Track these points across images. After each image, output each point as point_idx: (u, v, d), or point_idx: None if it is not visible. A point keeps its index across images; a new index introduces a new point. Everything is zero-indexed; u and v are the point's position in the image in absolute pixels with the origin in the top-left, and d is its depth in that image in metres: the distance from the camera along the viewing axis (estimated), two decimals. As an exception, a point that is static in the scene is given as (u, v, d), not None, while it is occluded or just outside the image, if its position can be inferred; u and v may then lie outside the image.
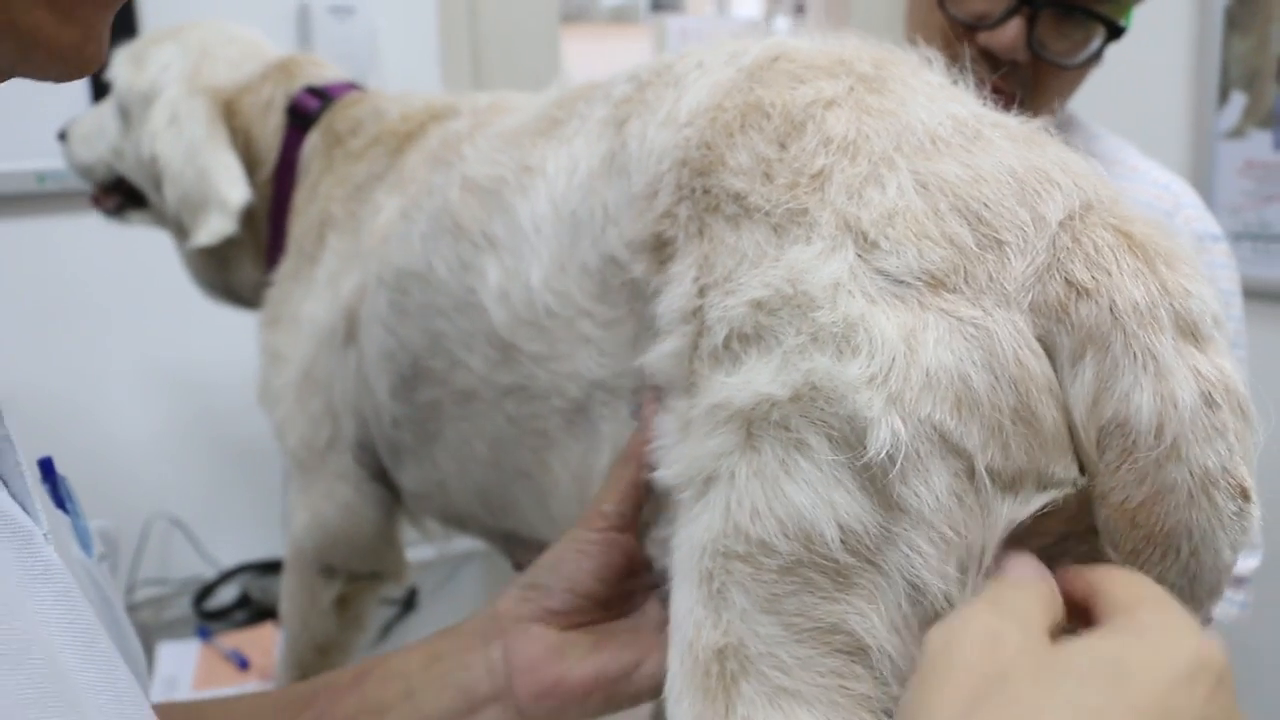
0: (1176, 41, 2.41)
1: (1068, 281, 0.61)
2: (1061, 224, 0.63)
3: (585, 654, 0.82)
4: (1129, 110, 2.09)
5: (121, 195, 1.59)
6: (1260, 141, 2.30)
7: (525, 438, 0.96)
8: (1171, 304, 0.61)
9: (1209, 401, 0.59)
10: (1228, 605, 1.40)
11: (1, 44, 0.52)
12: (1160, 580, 0.60)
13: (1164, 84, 2.44)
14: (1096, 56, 1.31)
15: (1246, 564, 1.41)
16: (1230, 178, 2.35)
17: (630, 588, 0.86)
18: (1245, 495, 0.60)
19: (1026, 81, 1.29)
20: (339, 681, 0.87)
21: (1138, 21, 1.38)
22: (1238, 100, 2.33)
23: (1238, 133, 2.33)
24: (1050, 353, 0.62)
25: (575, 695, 0.81)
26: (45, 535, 0.59)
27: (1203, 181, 2.36)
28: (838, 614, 0.62)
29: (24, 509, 0.58)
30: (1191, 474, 0.59)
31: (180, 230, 1.48)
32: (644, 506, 0.83)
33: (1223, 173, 2.36)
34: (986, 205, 0.64)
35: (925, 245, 0.63)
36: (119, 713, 0.55)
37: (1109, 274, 0.61)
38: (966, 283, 0.62)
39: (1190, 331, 0.61)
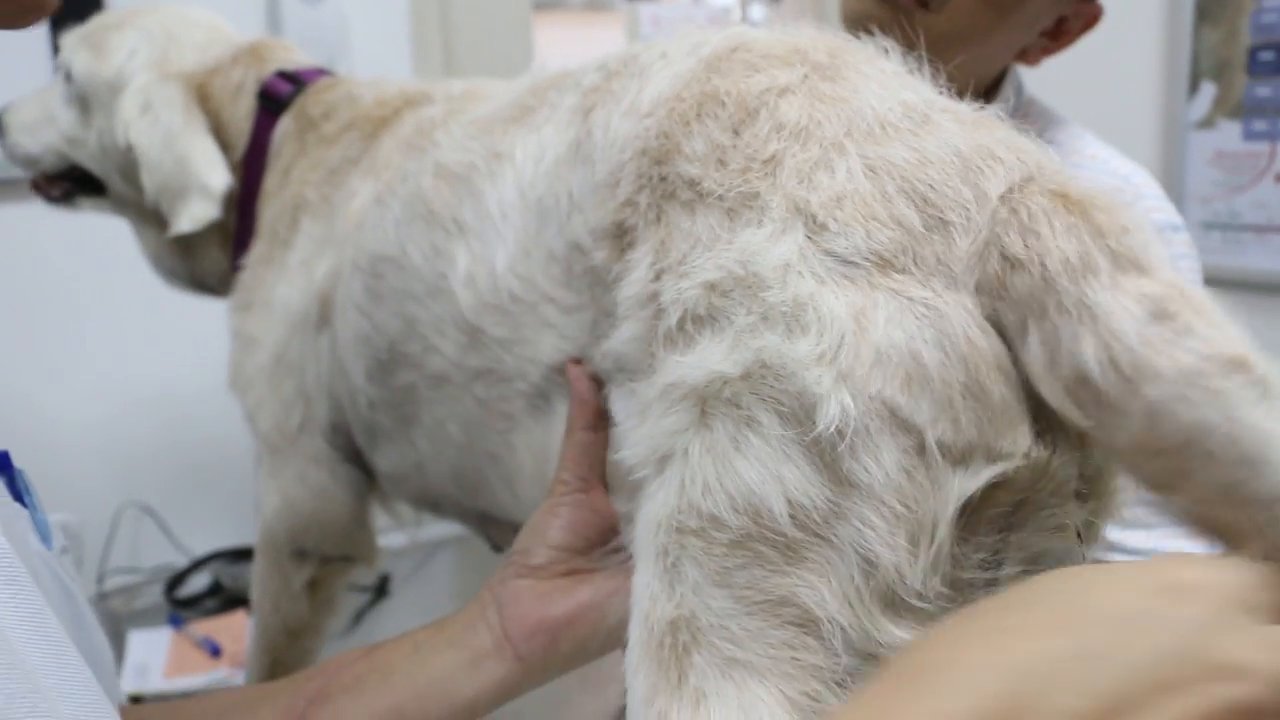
0: (1147, 32, 2.42)
1: (1002, 255, 0.62)
2: (1002, 197, 0.64)
3: (566, 593, 0.87)
4: (1100, 100, 2.10)
5: (70, 183, 1.56)
6: (1230, 132, 2.32)
7: (493, 420, 0.97)
8: (1107, 245, 0.61)
9: (1162, 314, 0.58)
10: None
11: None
12: (1234, 483, 0.57)
13: (1135, 74, 2.45)
14: None
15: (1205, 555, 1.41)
16: (1200, 168, 2.36)
17: (611, 541, 0.90)
18: (1243, 362, 0.57)
19: None
20: (349, 655, 0.91)
21: (1108, 13, 1.38)
22: (1208, 91, 2.34)
23: (1207, 123, 2.35)
24: (1001, 331, 0.63)
25: (561, 626, 0.86)
26: None
27: (1173, 171, 2.38)
28: (787, 587, 0.63)
29: None
30: (1173, 381, 0.57)
31: (145, 218, 1.47)
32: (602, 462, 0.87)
33: (1193, 163, 2.37)
34: (932, 186, 0.65)
35: (873, 226, 0.64)
36: (64, 692, 0.56)
37: (1039, 236, 0.62)
38: (915, 264, 0.63)
39: (1132, 263, 0.60)
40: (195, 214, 1.36)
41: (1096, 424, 0.60)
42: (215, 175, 1.36)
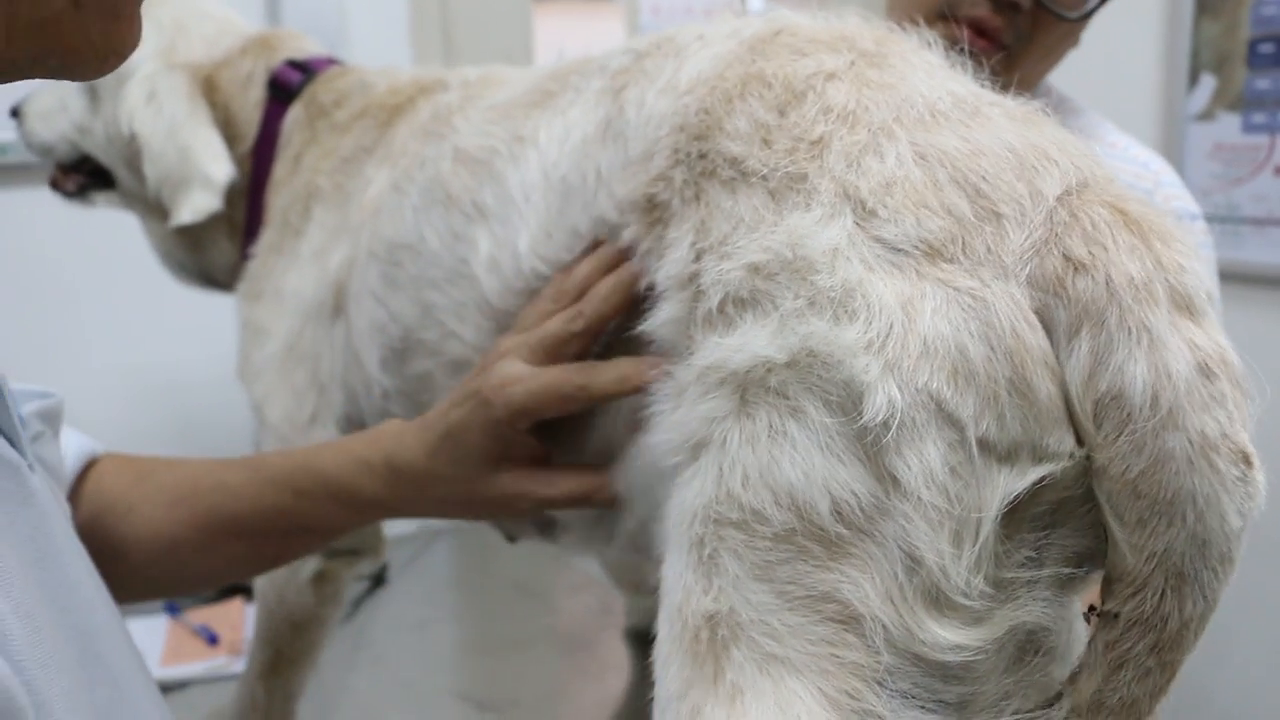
0: (1147, 24, 2.42)
1: (1065, 256, 0.62)
2: (1059, 199, 0.64)
3: None
4: (1100, 92, 2.10)
5: (84, 175, 1.55)
6: (1229, 124, 2.31)
7: None
8: (1167, 279, 0.61)
9: (1205, 371, 0.60)
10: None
11: (73, 60, 0.54)
12: (1170, 549, 0.60)
13: (1135, 66, 2.45)
14: (1097, 9, 1.28)
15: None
16: (1200, 160, 2.36)
17: None
18: (1247, 460, 0.60)
19: (1022, 32, 1.26)
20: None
21: (1110, 5, 1.38)
22: (1207, 83, 2.34)
23: (1207, 115, 2.35)
24: (1047, 327, 0.62)
25: None
26: (30, 465, 0.66)
27: (1173, 164, 2.36)
28: (830, 582, 0.63)
29: (11, 443, 0.65)
30: (1190, 441, 0.59)
31: (151, 210, 1.46)
32: None
33: (1192, 155, 2.37)
34: (985, 178, 0.64)
35: (923, 214, 0.64)
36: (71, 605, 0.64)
37: (1105, 249, 0.62)
38: (964, 253, 0.63)
39: (1185, 306, 0.61)
40: (197, 205, 1.35)
41: (1103, 446, 0.61)
42: (217, 166, 1.35)
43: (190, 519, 0.96)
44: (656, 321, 0.75)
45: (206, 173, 1.35)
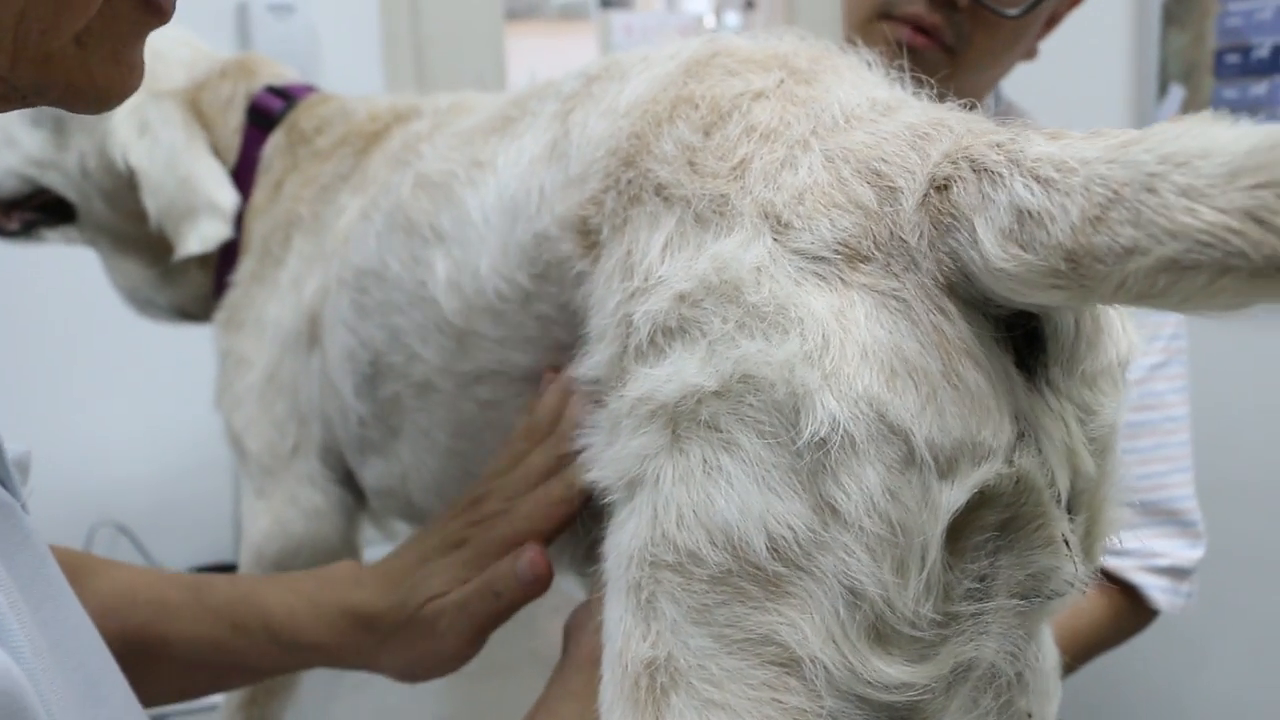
0: (1116, 35, 2.44)
1: (937, 188, 0.61)
2: (946, 154, 0.63)
3: None
4: (1070, 102, 2.11)
5: (33, 211, 1.49)
6: (1198, 134, 2.33)
7: (507, 417, 0.96)
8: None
9: (1047, 180, 0.56)
10: (1174, 596, 1.42)
11: (72, 96, 0.56)
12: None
13: (1104, 77, 2.46)
14: (1035, 6, 1.27)
15: (1190, 555, 1.43)
16: (1170, 170, 2.38)
17: None
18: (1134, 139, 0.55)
19: (963, 31, 1.26)
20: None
21: (1077, 16, 1.39)
22: (1176, 93, 2.36)
23: (1177, 125, 2.37)
24: (961, 266, 0.60)
25: None
26: (23, 506, 0.66)
27: (1144, 174, 2.39)
28: (769, 624, 0.61)
29: (4, 485, 0.64)
30: (1100, 158, 0.54)
31: (120, 244, 1.44)
32: None
33: (1163, 165, 2.39)
34: (884, 159, 0.64)
35: (835, 214, 0.63)
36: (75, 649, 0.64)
37: (967, 149, 0.61)
38: (877, 247, 0.62)
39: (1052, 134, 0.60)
40: (205, 234, 1.33)
41: (1046, 257, 0.55)
42: (223, 193, 1.33)
43: (120, 631, 0.91)
44: (592, 364, 0.75)
45: (213, 200, 1.32)
